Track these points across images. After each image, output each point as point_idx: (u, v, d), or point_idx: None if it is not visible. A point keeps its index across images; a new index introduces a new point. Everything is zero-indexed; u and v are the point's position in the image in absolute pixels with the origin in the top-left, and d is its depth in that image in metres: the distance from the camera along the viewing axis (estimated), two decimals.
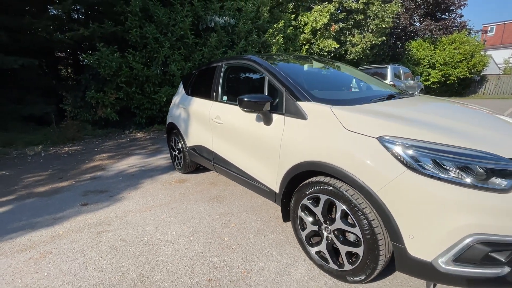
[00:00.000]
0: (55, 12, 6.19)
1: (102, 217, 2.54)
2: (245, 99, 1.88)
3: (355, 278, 1.49)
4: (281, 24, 9.90)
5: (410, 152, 1.23)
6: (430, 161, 1.20)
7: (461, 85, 17.74)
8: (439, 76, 16.62)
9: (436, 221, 1.16)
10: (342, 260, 1.54)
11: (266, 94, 2.05)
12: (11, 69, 6.04)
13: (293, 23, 11.31)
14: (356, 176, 1.35)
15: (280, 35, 9.63)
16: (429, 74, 17.00)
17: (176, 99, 3.66)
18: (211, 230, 2.25)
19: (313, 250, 1.71)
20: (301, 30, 11.51)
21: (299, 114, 1.74)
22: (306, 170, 1.63)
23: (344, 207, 1.44)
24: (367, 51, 13.74)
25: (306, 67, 2.47)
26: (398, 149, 1.26)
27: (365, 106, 1.67)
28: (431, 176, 1.17)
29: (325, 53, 11.55)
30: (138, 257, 1.92)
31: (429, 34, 18.27)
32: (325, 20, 10.97)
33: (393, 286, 1.56)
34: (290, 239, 2.06)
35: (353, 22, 13.23)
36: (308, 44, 11.05)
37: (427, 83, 17.02)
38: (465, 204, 1.12)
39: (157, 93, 7.45)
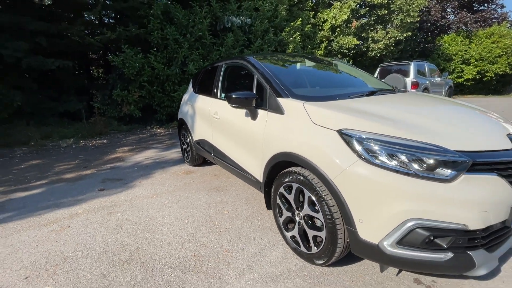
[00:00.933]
0: (87, 18, 6.80)
1: (114, 201, 2.87)
2: (233, 96, 2.06)
3: (319, 261, 1.62)
4: (298, 22, 9.91)
5: (363, 143, 1.34)
6: (378, 151, 1.30)
7: (500, 82, 16.36)
8: (474, 73, 15.48)
9: (380, 206, 1.26)
10: (310, 243, 1.67)
11: (255, 91, 2.21)
12: (50, 70, 6.77)
13: (312, 20, 11.24)
14: (317, 165, 1.48)
15: (297, 33, 9.65)
16: (463, 71, 15.90)
17: (185, 97, 3.94)
18: (205, 215, 2.47)
19: (288, 234, 1.86)
20: (320, 27, 11.40)
21: (279, 109, 1.89)
22: (282, 160, 1.78)
23: (310, 194, 1.58)
24: (391, 47, 13.24)
25: (298, 66, 2.59)
26: (352, 141, 1.37)
27: (337, 102, 1.77)
28: (379, 166, 1.27)
29: (345, 50, 11.34)
30: (138, 234, 2.19)
31: (463, 27, 17.07)
32: (345, 17, 10.77)
33: (359, 270, 1.66)
34: (274, 226, 2.22)
35: (376, 17, 12.80)
36: (327, 42, 10.92)
37: (459, 80, 15.95)
38: (406, 191, 1.21)
39: (176, 92, 7.87)
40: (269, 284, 1.58)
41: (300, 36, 9.78)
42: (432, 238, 1.22)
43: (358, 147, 1.34)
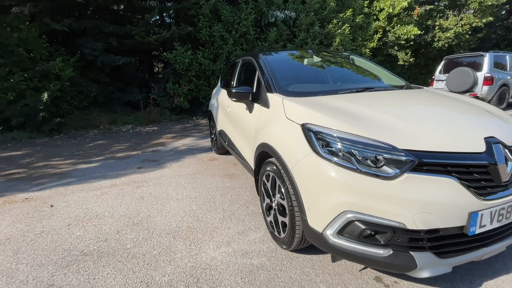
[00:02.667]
0: (151, 21, 7.78)
1: (145, 177, 3.41)
2: (233, 91, 2.28)
3: (284, 246, 1.74)
4: (348, 13, 9.39)
5: (317, 137, 1.40)
6: (329, 146, 1.35)
7: None
8: None
9: (324, 196, 1.32)
10: (280, 229, 1.80)
11: (255, 86, 2.38)
12: (117, 66, 8.00)
13: (366, 10, 10.47)
14: (282, 155, 1.60)
15: (346, 24, 9.17)
16: None
17: (214, 91, 4.31)
18: (210, 197, 2.77)
19: (268, 219, 2.01)
20: (375, 17, 10.56)
21: (267, 104, 2.03)
22: (263, 151, 1.93)
23: (280, 183, 1.70)
24: (466, 36, 11.40)
25: (305, 61, 2.63)
26: (310, 134, 1.44)
27: (315, 97, 1.81)
28: (326, 158, 1.33)
29: (403, 42, 10.27)
30: (152, 205, 2.62)
31: None
32: (405, 4, 9.73)
33: (324, 260, 1.72)
34: None
35: (448, 1, 11.16)
36: (381, 33, 10.06)
37: None
38: (347, 185, 1.25)
39: None
40: (238, 257, 1.79)
41: (349, 27, 9.27)
42: (372, 233, 1.24)
43: (313, 140, 1.42)
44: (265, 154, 1.95)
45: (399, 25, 10.23)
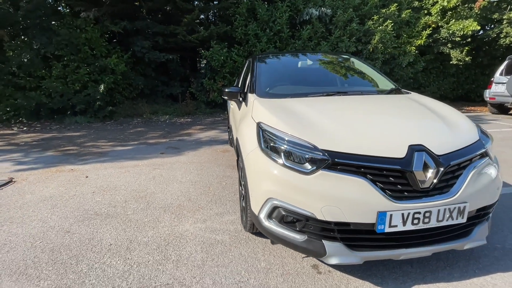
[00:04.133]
0: (188, 20, 8.46)
1: (163, 162, 3.95)
2: (226, 90, 2.57)
3: (244, 229, 1.99)
4: (392, 8, 8.79)
5: (264, 134, 1.62)
6: (268, 142, 1.56)
7: None
8: None
9: (258, 184, 1.54)
10: (243, 213, 2.06)
11: (248, 86, 2.64)
12: (162, 62, 8.92)
13: (416, 4, 9.64)
14: (241, 147, 1.85)
15: (389, 21, 8.63)
16: None
17: None
18: (208, 183, 3.14)
19: (240, 205, 2.28)
20: (426, 11, 9.65)
21: (247, 103, 2.28)
22: (236, 144, 2.20)
23: (240, 172, 1.96)
24: None
25: (299, 64, 2.77)
26: (260, 131, 1.66)
27: (284, 100, 1.99)
28: (264, 152, 1.54)
29: (457, 38, 9.21)
30: (159, 184, 3.10)
31: None
32: None
33: (277, 245, 1.93)
34: None
35: None
36: (431, 29, 9.17)
37: None
38: (274, 175, 1.45)
39: None
40: (207, 232, 2.10)
41: (392, 24, 8.69)
42: (294, 219, 1.43)
43: (260, 137, 1.64)
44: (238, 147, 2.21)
45: (453, 20, 9.18)
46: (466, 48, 9.66)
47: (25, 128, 6.77)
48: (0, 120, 7.13)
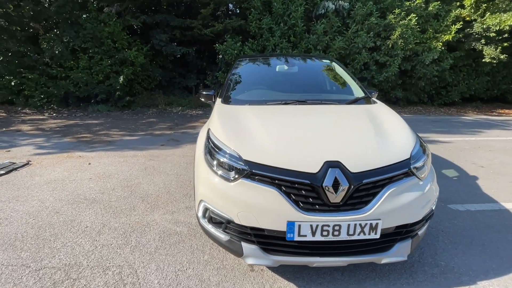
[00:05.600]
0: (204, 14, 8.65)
1: (160, 153, 4.26)
2: (203, 92, 2.74)
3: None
4: (418, 1, 8.20)
5: (207, 141, 1.77)
6: (209, 149, 1.71)
7: None
8: None
9: (197, 186, 1.70)
10: None
11: (225, 90, 2.76)
12: (180, 54, 9.26)
13: None
14: (196, 149, 2.02)
15: (413, 14, 8.09)
16: None
17: None
18: (192, 177, 3.35)
19: None
20: (458, 3, 8.86)
21: (216, 105, 2.43)
22: None
23: None
24: None
25: (277, 68, 2.82)
26: (207, 138, 1.82)
27: (240, 106, 2.11)
28: (204, 158, 1.70)
29: (493, 34, 8.38)
30: (148, 175, 3.39)
31: None
32: None
33: None
34: None
35: None
36: (461, 23, 8.43)
37: None
38: (206, 180, 1.60)
39: None
40: (170, 223, 2.33)
41: (416, 17, 8.14)
42: (219, 221, 1.58)
43: (205, 143, 1.80)
44: None
45: (489, 13, 8.34)
46: (505, 44, 8.76)
47: (54, 114, 7.54)
48: (35, 106, 8.00)
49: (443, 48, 8.58)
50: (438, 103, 9.89)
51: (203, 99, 2.76)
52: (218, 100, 2.35)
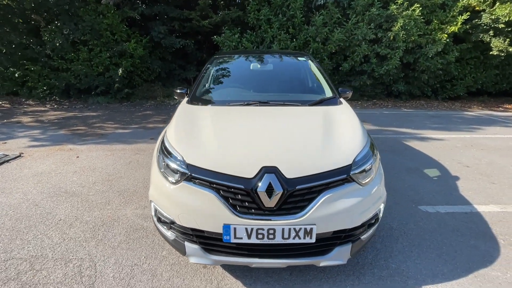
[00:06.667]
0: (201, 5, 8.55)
1: (147, 147, 4.36)
2: (176, 91, 2.78)
3: None
4: None
5: (161, 141, 1.83)
6: (161, 149, 1.76)
7: None
8: None
9: (150, 185, 1.77)
10: None
11: (194, 89, 2.77)
12: (180, 47, 9.26)
13: None
14: (155, 149, 2.08)
15: (416, 4, 7.77)
16: None
17: None
18: None
19: None
20: None
21: (180, 105, 2.46)
22: None
23: None
24: None
25: (248, 66, 2.82)
26: (162, 138, 1.87)
27: (202, 107, 2.14)
28: (157, 160, 1.76)
29: (502, 25, 7.97)
30: (131, 170, 3.49)
31: None
32: None
33: None
34: None
35: None
36: (468, 14, 8.05)
37: None
38: (156, 181, 1.67)
39: None
40: (139, 219, 2.42)
41: (420, 8, 7.82)
42: (165, 221, 1.65)
43: (160, 143, 1.85)
44: None
45: (498, 3, 7.91)
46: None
47: (55, 106, 7.76)
48: (38, 98, 8.23)
49: (448, 40, 8.24)
50: (443, 97, 9.58)
51: (176, 97, 2.80)
52: (184, 100, 2.39)
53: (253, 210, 1.45)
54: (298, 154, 1.58)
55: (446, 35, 8.13)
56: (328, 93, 2.48)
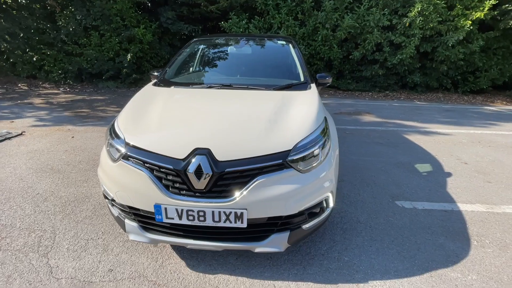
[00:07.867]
0: None
1: None
2: (153, 73, 2.78)
3: None
4: None
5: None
6: (108, 130, 1.79)
7: None
8: None
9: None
10: None
11: (165, 71, 2.74)
12: (188, 33, 9.26)
13: None
14: None
15: None
16: None
17: None
18: None
19: None
20: None
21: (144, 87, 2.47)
22: None
23: None
24: None
25: (228, 50, 2.75)
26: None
27: (165, 89, 2.13)
28: (106, 138, 1.78)
29: None
30: None
31: None
32: None
33: None
34: None
35: None
36: None
37: None
38: (102, 161, 1.70)
39: None
40: None
41: None
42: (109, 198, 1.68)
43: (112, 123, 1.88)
44: None
45: None
46: None
47: (68, 89, 8.12)
48: (54, 81, 8.64)
49: (472, 27, 7.56)
50: (463, 90, 8.90)
51: (153, 79, 2.81)
52: (151, 82, 2.39)
53: (184, 192, 1.44)
54: (235, 138, 1.54)
55: (470, 22, 7.46)
56: (301, 78, 2.36)
